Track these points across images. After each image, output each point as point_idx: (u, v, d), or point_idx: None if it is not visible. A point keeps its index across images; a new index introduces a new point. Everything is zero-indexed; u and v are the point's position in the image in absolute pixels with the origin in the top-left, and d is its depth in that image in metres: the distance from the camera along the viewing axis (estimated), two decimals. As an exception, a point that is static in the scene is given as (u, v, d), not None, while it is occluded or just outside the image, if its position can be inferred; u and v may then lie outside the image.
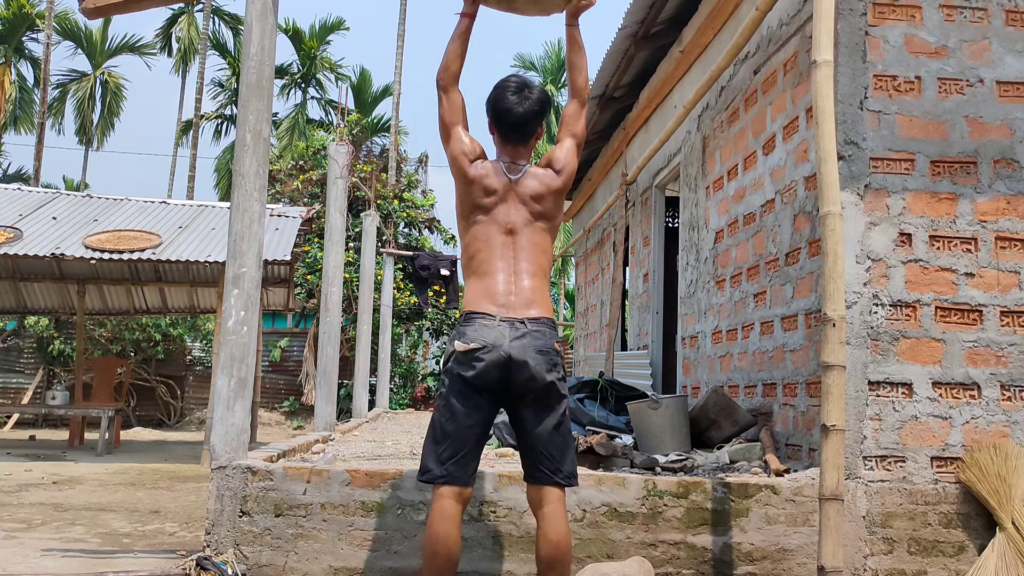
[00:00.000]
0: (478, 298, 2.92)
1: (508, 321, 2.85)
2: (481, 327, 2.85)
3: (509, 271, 2.93)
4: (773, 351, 4.73)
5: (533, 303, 2.91)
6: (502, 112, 3.03)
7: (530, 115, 3.03)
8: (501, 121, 3.04)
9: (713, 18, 5.74)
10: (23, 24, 26.50)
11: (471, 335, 2.84)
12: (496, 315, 2.86)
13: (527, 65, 34.79)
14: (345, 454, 5.38)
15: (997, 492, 3.70)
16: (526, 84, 3.08)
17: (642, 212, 8.10)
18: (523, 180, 3.02)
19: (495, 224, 2.97)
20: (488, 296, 2.91)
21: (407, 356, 18.67)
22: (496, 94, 3.06)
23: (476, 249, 2.98)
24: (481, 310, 2.89)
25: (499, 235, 2.96)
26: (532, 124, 3.05)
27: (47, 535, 5.07)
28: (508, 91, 3.04)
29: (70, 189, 30.24)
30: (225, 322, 3.82)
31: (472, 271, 3.00)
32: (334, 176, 7.22)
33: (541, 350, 2.85)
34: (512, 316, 2.87)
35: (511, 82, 3.07)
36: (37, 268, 12.27)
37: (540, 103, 3.05)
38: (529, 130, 3.06)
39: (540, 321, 2.90)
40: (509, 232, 2.97)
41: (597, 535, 3.66)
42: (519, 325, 2.86)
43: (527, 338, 2.84)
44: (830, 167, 3.42)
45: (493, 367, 2.83)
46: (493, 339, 2.82)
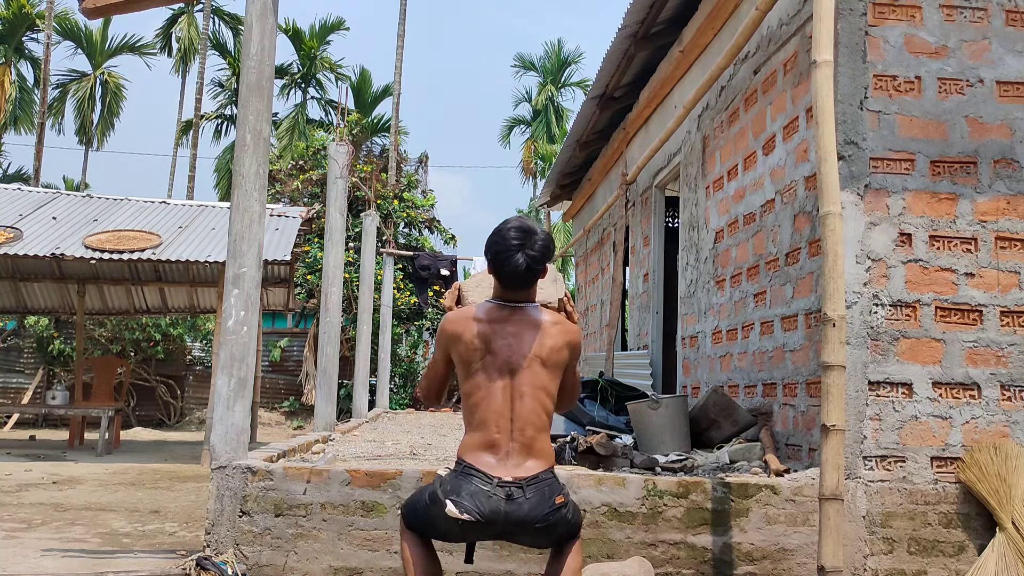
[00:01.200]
0: (474, 447, 2.73)
1: (505, 488, 2.66)
2: (477, 492, 2.65)
3: (507, 417, 2.74)
4: (773, 351, 4.73)
5: (531, 453, 2.72)
6: (506, 272, 2.80)
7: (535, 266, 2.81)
8: (503, 276, 2.82)
9: (713, 18, 5.74)
10: (23, 24, 26.50)
11: (465, 504, 2.63)
12: (493, 477, 2.66)
13: (527, 65, 34.81)
14: (345, 454, 5.38)
15: (997, 492, 3.70)
16: (527, 234, 2.80)
17: (642, 212, 8.10)
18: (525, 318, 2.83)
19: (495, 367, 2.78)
20: (485, 446, 2.72)
21: (407, 356, 18.66)
22: (497, 249, 2.81)
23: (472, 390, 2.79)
24: (478, 465, 2.69)
25: (498, 378, 2.76)
26: (536, 275, 2.83)
27: (47, 535, 5.07)
28: (511, 248, 2.78)
29: (70, 189, 30.24)
30: (225, 322, 3.82)
31: (469, 415, 2.80)
32: (334, 176, 7.22)
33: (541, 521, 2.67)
34: (509, 479, 2.67)
35: (512, 237, 2.79)
36: (37, 268, 12.27)
37: (543, 254, 2.82)
38: (533, 280, 2.85)
39: (539, 479, 2.70)
40: (509, 373, 2.77)
41: (597, 535, 3.66)
42: (516, 492, 2.66)
43: (525, 508, 2.65)
44: (830, 167, 3.42)
45: (485, 535, 2.71)
46: (488, 513, 2.63)
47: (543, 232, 2.87)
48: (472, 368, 2.79)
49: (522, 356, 2.77)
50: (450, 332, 2.83)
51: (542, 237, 2.84)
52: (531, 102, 34.89)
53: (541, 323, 2.82)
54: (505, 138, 36.12)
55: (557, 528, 2.70)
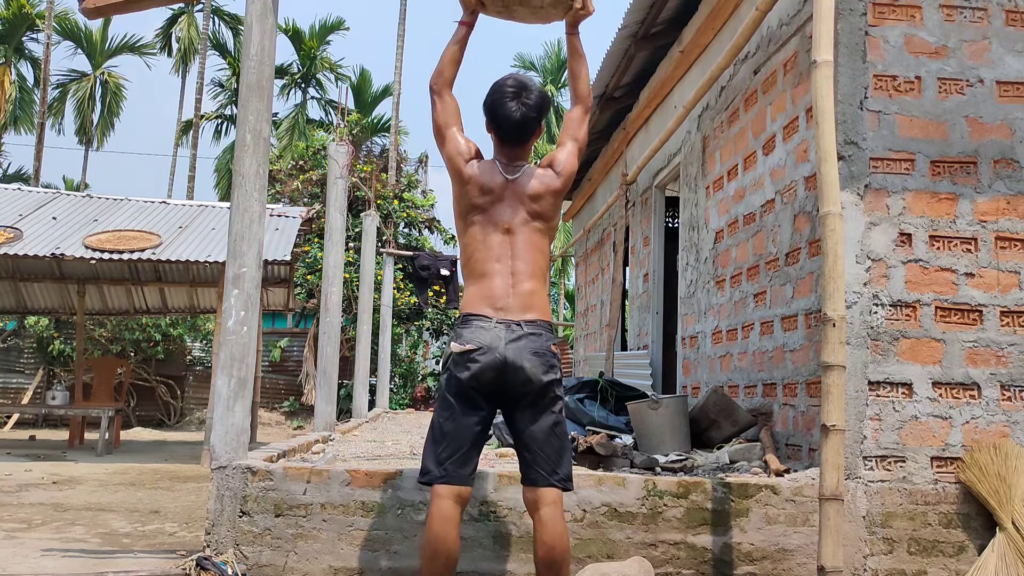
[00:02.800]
0: (475, 300, 2.92)
1: (504, 323, 2.85)
2: (477, 329, 2.85)
3: (506, 272, 2.92)
4: (773, 351, 4.73)
5: (530, 306, 2.91)
6: (500, 117, 3.00)
7: (529, 118, 3.00)
8: (499, 125, 3.02)
9: (713, 18, 5.74)
10: (23, 24, 26.49)
11: (467, 336, 2.85)
12: (493, 317, 2.86)
13: (527, 65, 34.79)
14: (345, 454, 5.38)
15: (997, 492, 3.70)
16: (524, 86, 3.02)
17: (642, 212, 8.10)
18: (521, 179, 3.01)
19: (492, 224, 2.96)
20: (485, 298, 2.91)
21: (407, 356, 18.66)
22: (493, 98, 3.02)
23: (473, 249, 2.98)
24: (478, 312, 2.89)
25: (496, 235, 2.95)
26: (531, 127, 3.02)
27: (47, 535, 5.07)
28: (506, 95, 3.00)
29: (70, 189, 30.26)
30: (225, 322, 3.82)
31: (469, 272, 2.99)
32: (334, 176, 7.22)
33: (537, 352, 2.85)
34: (508, 318, 2.87)
35: (508, 85, 3.01)
36: (37, 268, 12.27)
37: (538, 105, 3.02)
38: (528, 133, 3.04)
39: (536, 323, 2.90)
40: (506, 231, 2.96)
41: (597, 535, 3.66)
42: (515, 327, 2.85)
43: (523, 340, 2.84)
44: (830, 167, 3.42)
45: (489, 368, 2.84)
46: (489, 341, 2.82)
47: (539, 87, 3.05)
48: (469, 218, 3.00)
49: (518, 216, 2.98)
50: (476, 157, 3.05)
51: (537, 90, 3.04)
52: (531, 102, 34.85)
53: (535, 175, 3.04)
54: (505, 138, 36.07)
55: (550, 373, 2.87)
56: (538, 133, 3.07)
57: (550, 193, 3.02)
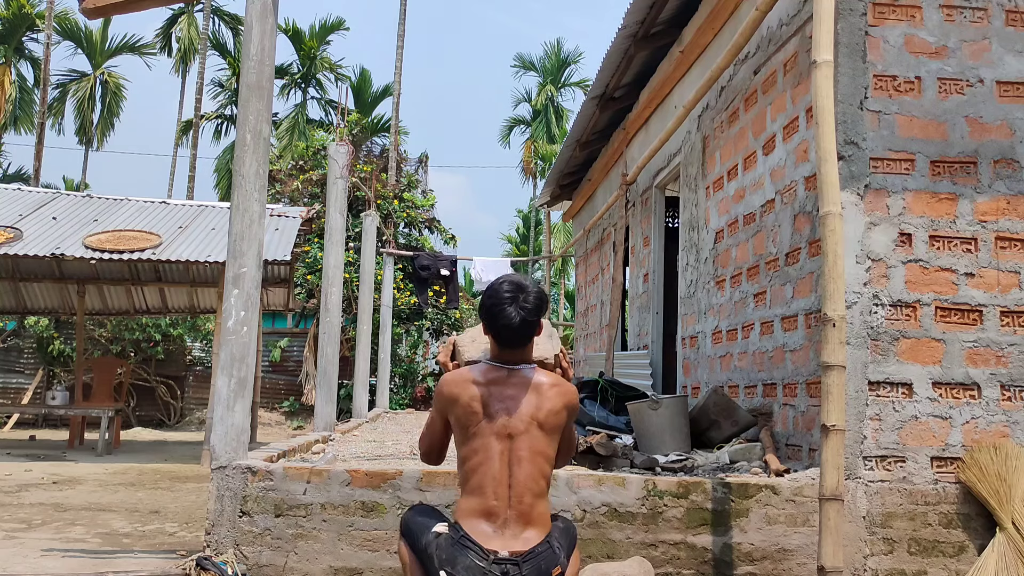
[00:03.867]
0: (470, 512, 2.71)
1: (500, 564, 2.61)
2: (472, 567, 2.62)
3: (505, 483, 2.71)
4: (773, 351, 4.73)
5: (530, 523, 2.70)
6: (500, 327, 2.82)
7: (528, 322, 2.83)
8: (497, 332, 2.84)
9: (713, 18, 5.74)
10: (23, 24, 26.50)
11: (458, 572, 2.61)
12: (489, 553, 2.64)
13: (527, 65, 34.80)
14: (345, 454, 5.38)
15: (997, 492, 3.70)
16: (520, 289, 2.84)
17: (642, 212, 8.10)
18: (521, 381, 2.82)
19: (492, 430, 2.75)
20: (481, 512, 2.69)
21: (407, 356, 18.66)
22: (491, 303, 2.84)
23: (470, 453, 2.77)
24: (474, 536, 2.67)
25: (496, 443, 2.74)
26: (530, 329, 2.85)
27: (47, 535, 5.07)
28: (503, 300, 2.81)
29: (70, 189, 30.25)
30: (225, 322, 3.82)
31: (465, 479, 2.77)
32: (334, 176, 7.22)
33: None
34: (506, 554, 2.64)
35: (504, 290, 2.83)
36: (37, 268, 12.27)
37: (537, 307, 2.84)
38: (528, 336, 2.87)
39: (536, 554, 2.67)
40: (507, 437, 2.74)
41: (597, 535, 3.66)
42: (512, 569, 2.62)
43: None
44: (830, 167, 3.42)
45: None
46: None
47: (536, 287, 2.88)
48: (469, 432, 2.76)
49: (520, 420, 2.74)
50: (447, 395, 2.81)
51: (535, 291, 2.85)
52: (531, 102, 34.89)
53: (539, 385, 2.79)
54: (505, 138, 36.14)
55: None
56: (539, 332, 2.91)
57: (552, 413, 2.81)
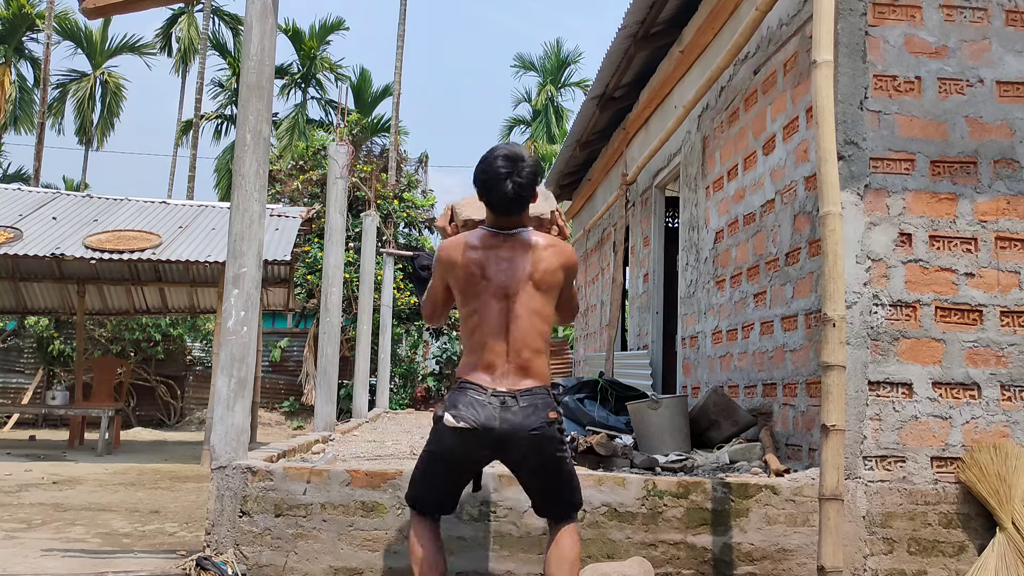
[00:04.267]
0: (471, 367, 2.83)
1: (499, 397, 2.75)
2: (472, 402, 2.75)
3: (503, 339, 2.82)
4: (773, 351, 4.73)
5: (527, 373, 2.81)
6: (494, 196, 2.86)
7: (523, 195, 2.87)
8: (492, 201, 2.89)
9: (713, 18, 5.74)
10: (23, 24, 26.49)
11: (461, 412, 2.74)
12: (488, 388, 2.76)
13: (526, 65, 34.77)
14: (345, 454, 5.37)
15: (997, 492, 3.70)
16: (515, 158, 2.86)
17: (642, 212, 8.10)
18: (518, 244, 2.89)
19: (489, 292, 2.85)
20: (481, 366, 2.81)
21: (407, 356, 18.66)
22: (485, 177, 2.86)
23: (470, 314, 2.87)
24: (473, 380, 2.79)
25: (494, 302, 2.83)
26: (525, 199, 2.89)
27: (47, 535, 5.07)
28: (499, 175, 2.84)
29: (70, 189, 30.23)
30: (225, 322, 3.82)
31: (467, 339, 2.89)
32: (334, 176, 7.22)
33: (535, 429, 2.75)
34: (504, 390, 2.77)
35: (499, 161, 2.84)
36: (37, 268, 12.27)
37: (531, 180, 2.87)
38: (523, 206, 2.91)
39: (533, 393, 2.79)
40: (504, 297, 2.84)
41: (597, 535, 3.66)
42: (510, 401, 2.75)
43: (519, 417, 2.74)
44: (830, 167, 3.42)
45: (482, 446, 2.78)
46: (483, 419, 2.72)
47: (531, 159, 2.91)
48: (468, 293, 2.89)
49: (517, 280, 2.85)
50: (446, 259, 2.92)
51: (529, 164, 2.88)
52: (531, 102, 34.87)
53: (535, 246, 2.90)
54: (505, 138, 36.08)
55: (550, 444, 2.78)
56: (534, 198, 2.94)
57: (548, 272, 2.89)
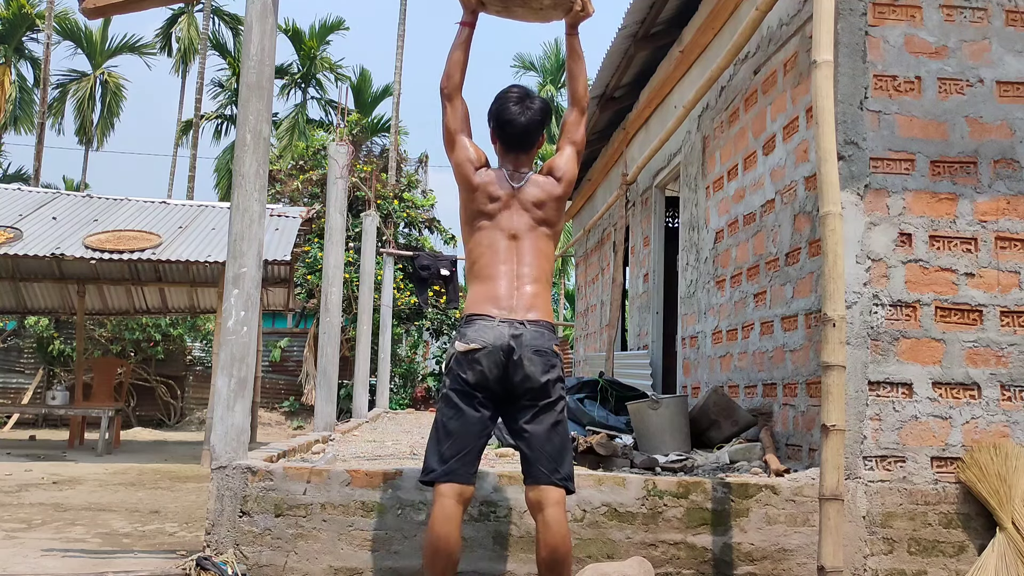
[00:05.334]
0: (480, 301, 2.99)
1: (508, 322, 2.92)
2: (481, 327, 2.91)
3: (511, 275, 3.00)
4: (773, 351, 4.73)
5: (534, 307, 2.98)
6: (504, 123, 3.09)
7: (532, 125, 3.10)
8: (503, 132, 3.11)
9: (713, 18, 5.74)
10: (23, 24, 26.50)
11: (471, 335, 2.91)
12: (496, 316, 2.93)
13: (526, 65, 34.76)
14: (345, 454, 5.38)
15: (997, 492, 3.70)
16: (527, 94, 3.12)
17: (642, 212, 8.10)
18: (525, 187, 3.09)
19: (498, 230, 3.04)
20: (490, 299, 2.97)
21: (407, 356, 18.66)
22: (498, 105, 3.11)
23: (479, 254, 3.05)
24: (482, 312, 2.95)
25: (502, 240, 3.03)
26: (534, 134, 3.12)
27: (47, 535, 5.08)
28: (510, 102, 3.09)
29: (70, 189, 30.25)
30: (225, 322, 3.82)
31: (475, 275, 3.06)
32: (334, 176, 7.22)
33: (539, 350, 2.91)
34: (512, 318, 2.93)
35: (512, 93, 3.11)
36: (37, 268, 12.27)
37: (542, 112, 3.11)
38: (531, 139, 3.13)
39: (539, 324, 2.96)
40: (512, 237, 3.03)
41: (597, 535, 3.66)
42: (518, 325, 2.91)
43: (525, 337, 2.90)
44: (830, 167, 3.42)
45: (492, 366, 2.89)
46: (492, 339, 2.88)
47: (541, 96, 3.16)
48: (476, 224, 3.07)
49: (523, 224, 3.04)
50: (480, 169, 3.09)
51: (540, 98, 3.14)
52: (531, 102, 34.86)
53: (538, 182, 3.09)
54: (505, 138, 36.06)
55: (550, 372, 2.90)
56: (541, 142, 3.16)
57: (553, 199, 3.11)
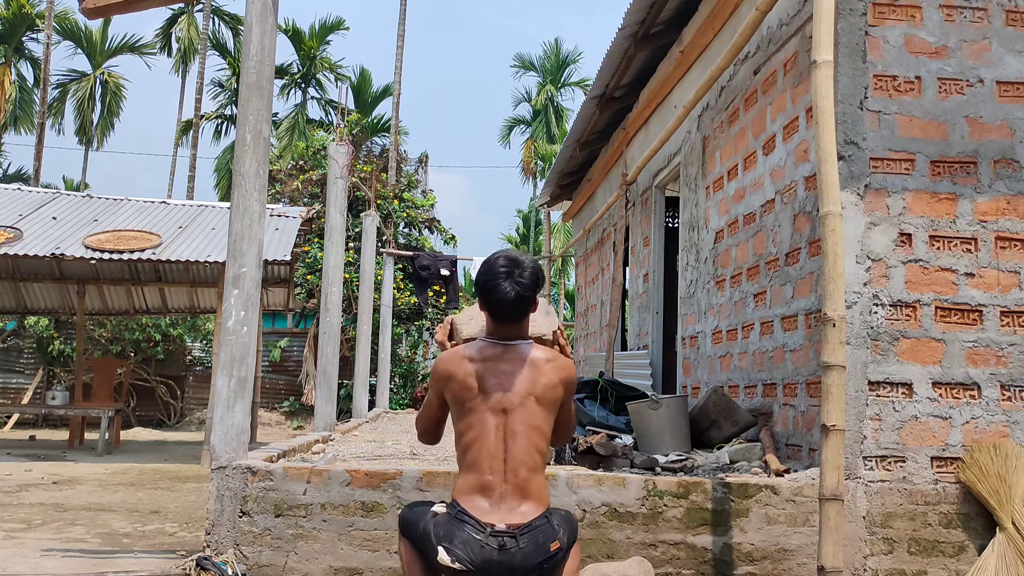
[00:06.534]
0: (468, 490, 2.71)
1: (498, 537, 2.61)
2: (469, 540, 2.62)
3: (500, 458, 2.70)
4: (773, 351, 4.73)
5: (526, 495, 2.69)
6: (495, 301, 2.81)
7: (524, 297, 2.82)
8: (494, 307, 2.83)
9: (713, 18, 5.74)
10: (23, 24, 26.50)
11: (458, 551, 2.60)
12: (486, 525, 2.63)
13: (526, 65, 34.80)
14: (345, 454, 5.38)
15: (997, 492, 3.70)
16: (516, 264, 2.83)
17: (642, 212, 8.10)
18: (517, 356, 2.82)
19: (487, 405, 2.75)
20: (477, 488, 2.69)
21: (407, 356, 18.66)
22: (486, 279, 2.83)
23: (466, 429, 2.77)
24: (471, 511, 2.66)
25: (491, 418, 2.73)
26: (526, 304, 2.84)
27: (47, 535, 5.08)
28: (499, 276, 2.80)
29: (70, 189, 30.25)
30: (225, 322, 3.82)
31: (462, 455, 2.77)
32: (334, 176, 7.22)
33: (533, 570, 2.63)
34: (503, 526, 2.63)
35: (500, 265, 2.82)
36: (37, 268, 12.27)
37: (533, 283, 2.83)
38: (524, 311, 2.86)
39: (532, 527, 2.66)
40: (503, 412, 2.74)
41: (597, 535, 3.66)
42: (509, 541, 2.62)
43: (517, 558, 2.61)
44: (830, 167, 3.42)
45: None
46: (481, 562, 2.60)
47: (532, 262, 2.86)
48: (465, 407, 2.76)
49: (515, 395, 2.73)
50: (443, 372, 2.81)
51: (531, 266, 2.83)
52: (531, 102, 34.89)
53: (535, 360, 2.78)
54: (505, 138, 36.14)
55: (554, 572, 2.67)
56: (534, 308, 2.90)
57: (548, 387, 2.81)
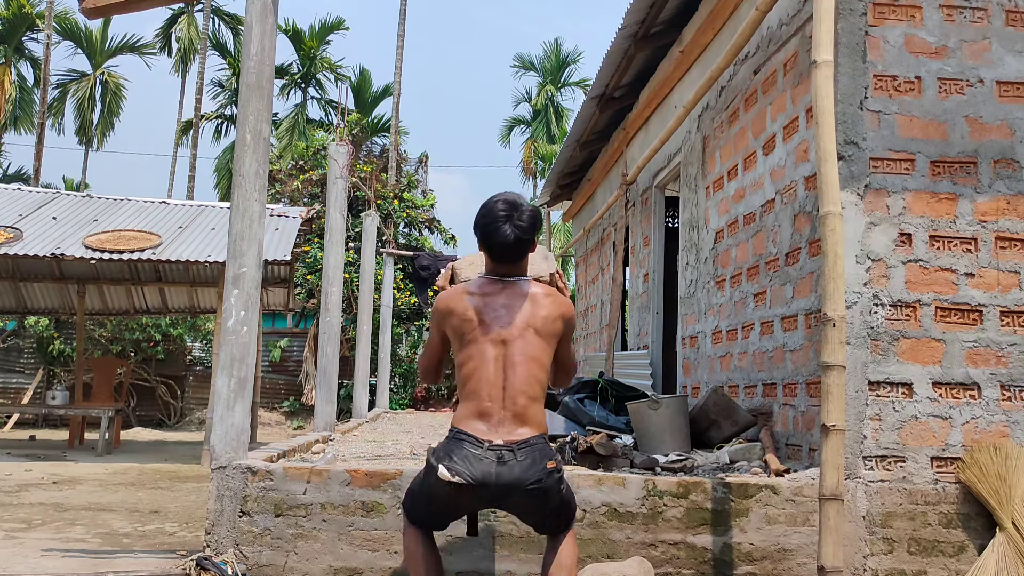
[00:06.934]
0: (466, 416, 2.76)
1: (496, 451, 2.67)
2: (467, 455, 2.67)
3: (499, 386, 2.76)
4: (773, 351, 4.73)
5: (524, 420, 2.74)
6: (494, 241, 2.86)
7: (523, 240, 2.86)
8: (493, 249, 2.88)
9: (713, 18, 5.74)
10: (23, 24, 26.51)
11: (457, 466, 2.66)
12: (483, 441, 2.69)
13: (526, 65, 34.78)
14: (345, 454, 5.38)
15: (997, 492, 3.70)
16: (515, 207, 2.87)
17: (642, 212, 8.10)
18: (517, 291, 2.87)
19: (486, 336, 2.80)
20: (476, 414, 2.75)
21: (407, 356, 18.66)
22: (485, 221, 2.87)
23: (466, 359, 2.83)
24: (469, 431, 2.72)
25: (491, 348, 2.78)
26: (525, 246, 2.89)
27: (47, 535, 5.08)
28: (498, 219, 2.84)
29: (70, 189, 30.24)
30: (225, 322, 3.82)
31: (462, 385, 2.83)
32: (334, 176, 7.22)
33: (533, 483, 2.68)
34: (500, 441, 2.69)
35: (499, 208, 2.86)
36: (37, 268, 12.27)
37: (531, 225, 2.87)
38: (522, 253, 2.90)
39: (530, 443, 2.71)
40: (502, 343, 2.79)
41: (597, 535, 3.66)
42: (507, 454, 2.67)
43: (516, 471, 2.67)
44: (830, 167, 3.42)
45: (477, 500, 2.74)
46: (479, 475, 2.65)
47: (530, 205, 2.92)
48: (465, 339, 2.83)
49: (514, 326, 2.80)
50: (443, 308, 2.89)
51: (529, 209, 2.90)
52: (531, 102, 34.88)
53: (534, 294, 2.87)
54: (505, 138, 36.12)
55: (549, 495, 2.72)
56: (534, 247, 2.95)
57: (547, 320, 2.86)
